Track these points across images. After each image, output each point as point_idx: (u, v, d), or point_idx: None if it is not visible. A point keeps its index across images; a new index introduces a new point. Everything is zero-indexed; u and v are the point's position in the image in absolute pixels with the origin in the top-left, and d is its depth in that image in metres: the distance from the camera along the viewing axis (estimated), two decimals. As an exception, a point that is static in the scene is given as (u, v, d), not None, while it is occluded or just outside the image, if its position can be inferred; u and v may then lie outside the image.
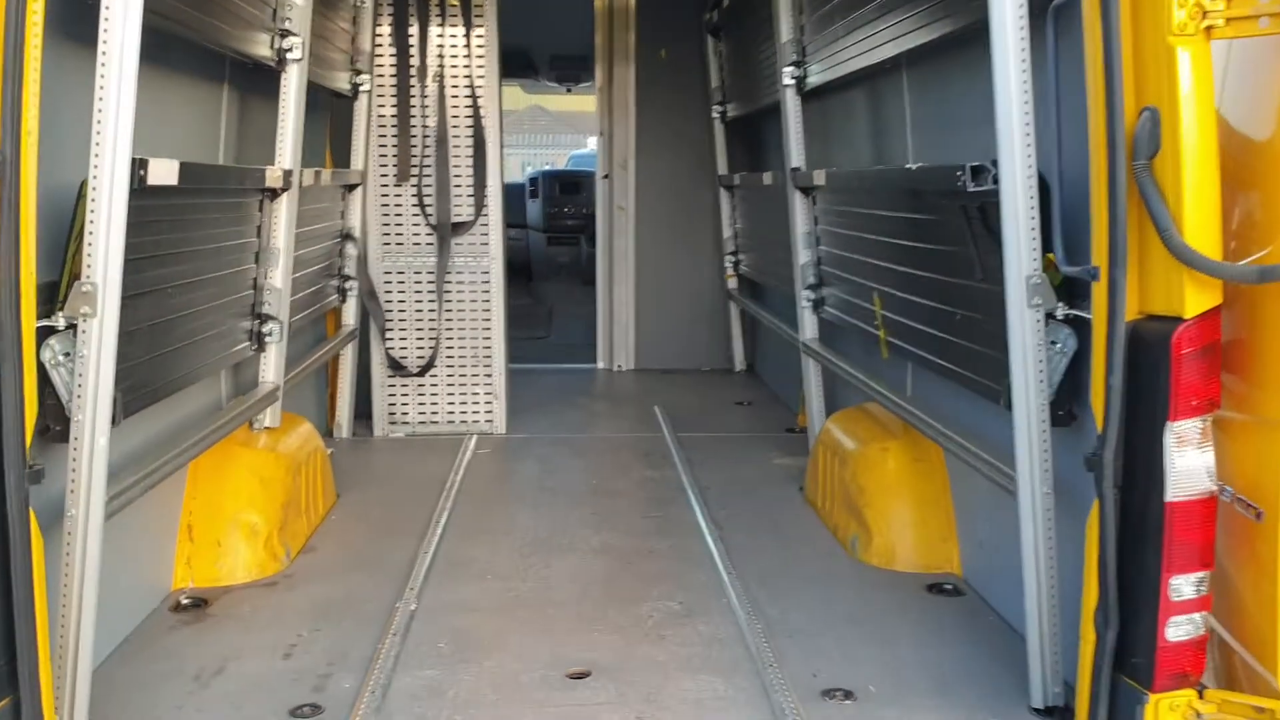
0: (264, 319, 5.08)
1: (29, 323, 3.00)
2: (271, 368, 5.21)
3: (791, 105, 6.42)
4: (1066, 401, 3.53)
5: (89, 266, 3.18)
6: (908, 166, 4.39)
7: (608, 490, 6.08)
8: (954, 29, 4.22)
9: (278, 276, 5.13)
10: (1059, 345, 3.48)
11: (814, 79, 6.20)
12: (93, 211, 3.16)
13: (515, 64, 11.34)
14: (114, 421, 3.32)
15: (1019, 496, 3.51)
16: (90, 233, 3.17)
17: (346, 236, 7.05)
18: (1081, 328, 3.43)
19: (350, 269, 7.06)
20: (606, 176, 9.86)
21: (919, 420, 4.65)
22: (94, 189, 3.15)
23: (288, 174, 5.09)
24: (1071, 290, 3.45)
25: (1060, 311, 3.44)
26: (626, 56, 9.66)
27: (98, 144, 3.14)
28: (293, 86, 5.17)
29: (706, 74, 9.51)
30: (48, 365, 3.22)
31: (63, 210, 3.32)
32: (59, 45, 3.32)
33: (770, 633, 4.13)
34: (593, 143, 10.17)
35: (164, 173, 3.53)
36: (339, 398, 7.25)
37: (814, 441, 6.13)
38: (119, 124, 3.14)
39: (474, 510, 5.68)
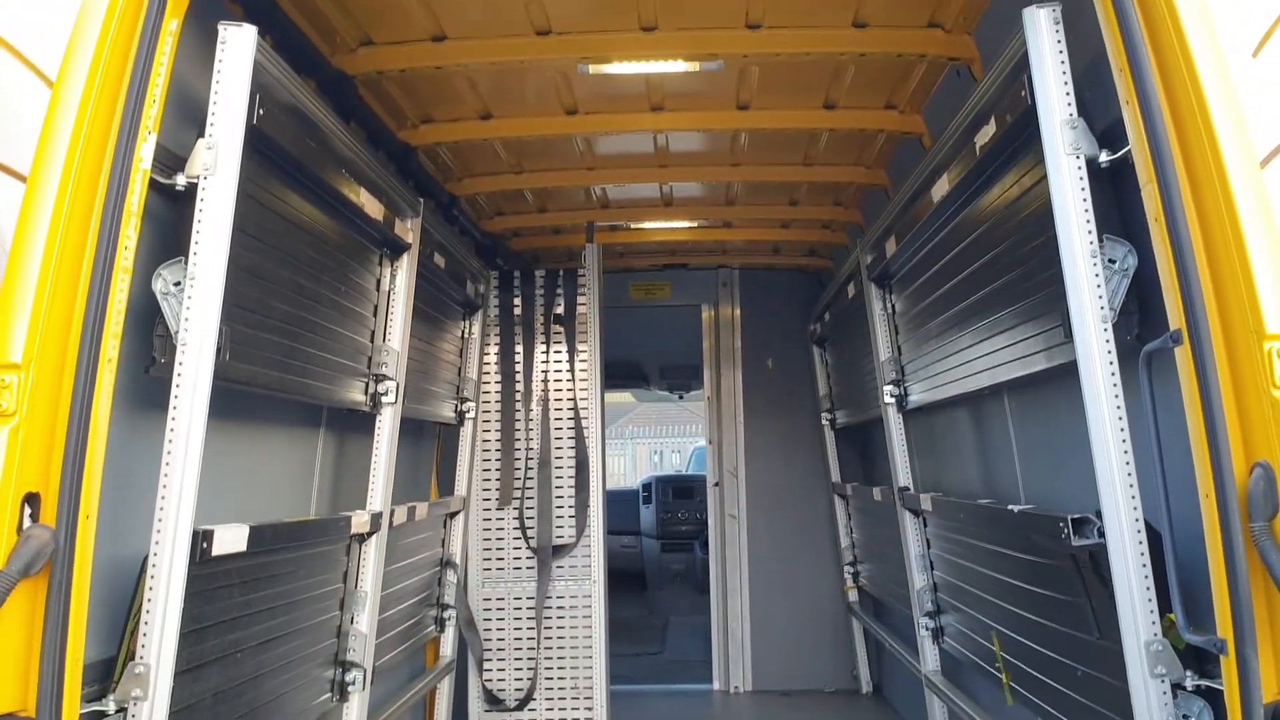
0: (347, 666, 4.91)
1: (71, 714, 2.89)
2: (354, 719, 4.99)
3: (894, 423, 6.26)
4: (1212, 786, 3.07)
5: (144, 646, 3.10)
6: (1010, 508, 4.12)
7: None
8: (1049, 366, 4.05)
9: (364, 621, 5.00)
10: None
11: (915, 398, 6.05)
12: (150, 589, 3.11)
13: (626, 375, 11.56)
14: (159, 813, 3.14)
15: None
16: (148, 610, 3.11)
17: (447, 564, 6.96)
18: (1217, 699, 3.02)
19: (449, 597, 6.93)
20: (717, 484, 9.72)
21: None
22: (154, 566, 3.12)
23: (376, 517, 5.06)
24: (1201, 654, 3.06)
25: (1189, 682, 3.05)
26: (733, 366, 9.74)
27: (160, 520, 3.13)
28: (386, 429, 5.23)
29: (813, 381, 9.48)
30: (95, 753, 3.10)
31: (127, 583, 3.29)
32: (129, 416, 3.39)
33: None
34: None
35: (231, 541, 3.49)
36: (435, 735, 6.95)
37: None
38: (181, 503, 3.14)
39: None
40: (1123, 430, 3.11)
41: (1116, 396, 3.12)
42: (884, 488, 6.94)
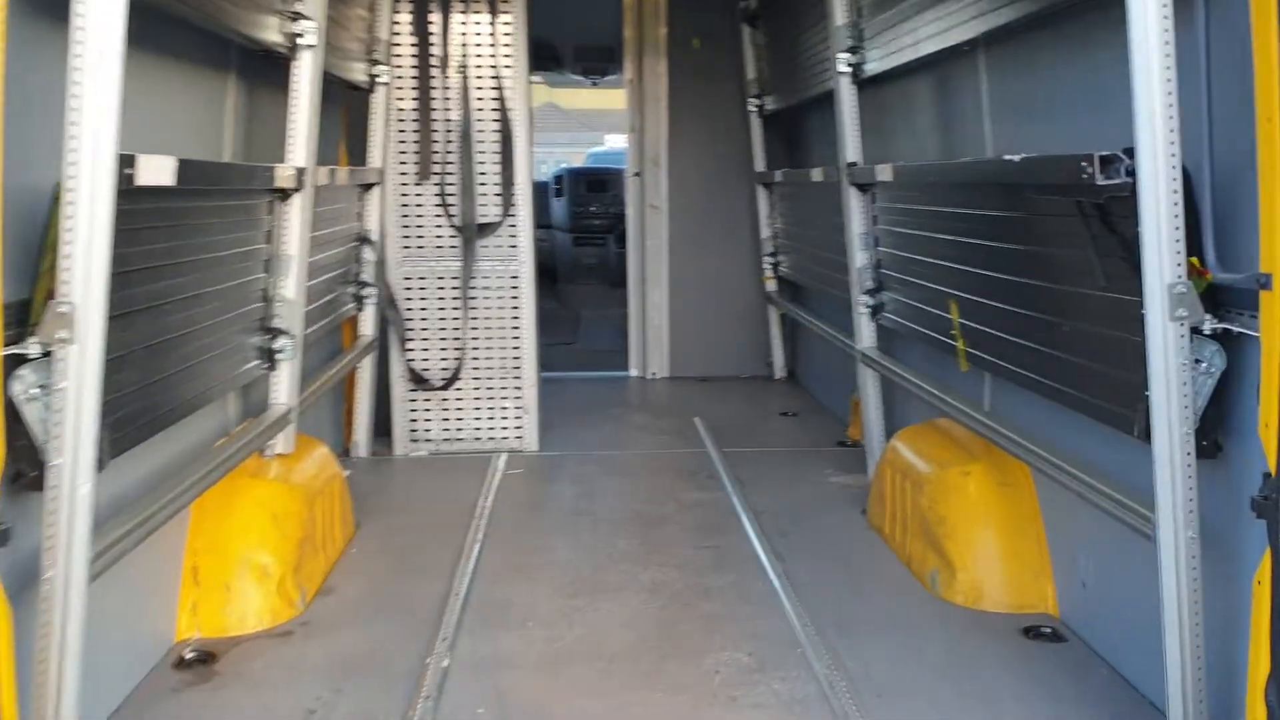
0: (275, 334, 4.59)
1: (-8, 351, 2.52)
2: (284, 388, 4.71)
3: (847, 95, 5.90)
4: (1211, 430, 3.01)
5: (66, 283, 2.68)
6: (1008, 158, 3.85)
7: (654, 516, 5.56)
8: (1049, 2, 3.71)
9: (290, 286, 4.64)
10: (1204, 364, 2.96)
11: (873, 65, 5.68)
12: (69, 218, 2.66)
13: (539, 57, 10.84)
14: (99, 465, 2.82)
15: (1158, 541, 2.99)
16: (68, 243, 2.67)
17: (363, 240, 6.55)
18: (1231, 344, 2.92)
19: (368, 275, 6.57)
20: (638, 174, 9.35)
21: (1013, 443, 4.12)
22: (70, 191, 2.66)
23: (300, 172, 4.60)
24: (1217, 299, 2.94)
25: (1207, 325, 2.92)
26: (658, 49, 9.15)
27: (73, 138, 2.64)
28: (305, 76, 4.68)
29: (742, 66, 8.99)
30: (18, 400, 2.72)
31: (34, 215, 2.83)
32: (31, 24, 2.83)
33: (855, 691, 3.62)
34: (610, 140, 9.69)
35: (157, 171, 3.03)
36: (356, 414, 6.76)
37: (876, 460, 5.62)
38: (100, 113, 2.64)
39: (508, 542, 5.17)
40: (1168, 58, 2.81)
41: (1166, 18, 2.80)
42: (826, 168, 6.67)
